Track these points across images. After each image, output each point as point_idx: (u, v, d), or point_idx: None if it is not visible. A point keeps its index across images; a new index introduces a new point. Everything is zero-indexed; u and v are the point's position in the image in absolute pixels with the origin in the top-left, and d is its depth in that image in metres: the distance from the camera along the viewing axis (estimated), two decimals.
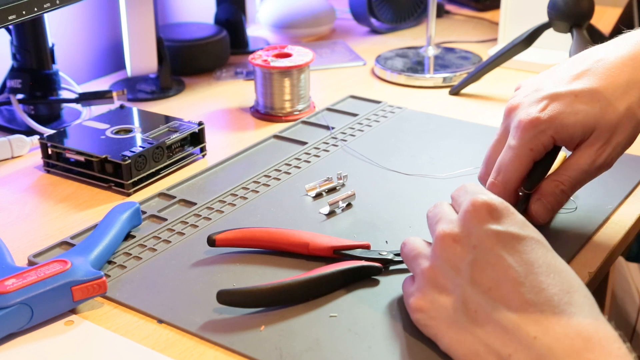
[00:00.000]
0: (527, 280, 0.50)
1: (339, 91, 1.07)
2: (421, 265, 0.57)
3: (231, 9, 1.25)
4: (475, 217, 0.53)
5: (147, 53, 1.06)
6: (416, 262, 0.58)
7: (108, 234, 0.68)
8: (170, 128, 0.87)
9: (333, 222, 0.74)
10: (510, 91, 1.06)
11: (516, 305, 0.50)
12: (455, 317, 0.53)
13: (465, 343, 0.52)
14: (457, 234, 0.54)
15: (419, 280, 0.57)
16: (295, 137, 0.92)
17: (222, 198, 0.78)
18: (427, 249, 0.58)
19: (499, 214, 0.53)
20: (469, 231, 0.54)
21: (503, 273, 0.51)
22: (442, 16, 1.41)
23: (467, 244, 0.53)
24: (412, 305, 0.57)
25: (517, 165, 0.66)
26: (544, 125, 0.65)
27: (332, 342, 0.57)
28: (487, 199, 0.54)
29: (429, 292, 0.55)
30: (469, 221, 0.54)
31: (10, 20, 0.81)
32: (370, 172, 0.83)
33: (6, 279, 0.60)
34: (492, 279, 0.51)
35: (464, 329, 0.52)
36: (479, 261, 0.52)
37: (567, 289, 0.50)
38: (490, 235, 0.52)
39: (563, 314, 0.49)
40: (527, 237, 0.53)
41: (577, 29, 0.96)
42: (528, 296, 0.50)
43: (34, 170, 0.87)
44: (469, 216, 0.54)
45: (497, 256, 0.52)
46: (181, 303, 0.62)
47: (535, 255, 0.52)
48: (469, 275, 0.52)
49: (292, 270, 0.66)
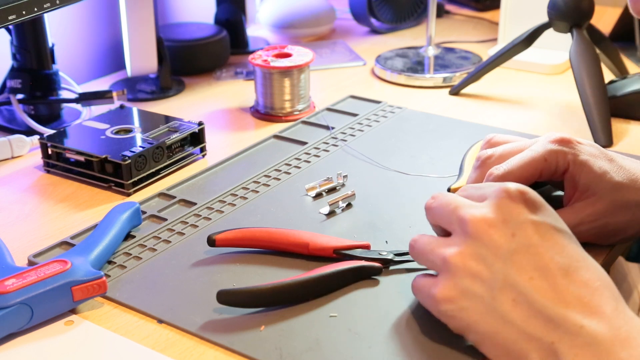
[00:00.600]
0: (570, 273, 0.50)
1: (339, 91, 1.07)
2: (446, 253, 0.54)
3: (231, 9, 1.25)
4: (511, 204, 0.53)
5: (147, 53, 1.06)
6: (437, 252, 0.55)
7: (108, 234, 0.68)
8: (170, 128, 0.87)
9: (333, 222, 0.74)
10: (511, 91, 1.07)
11: (561, 296, 0.50)
12: (492, 305, 0.51)
13: (503, 333, 0.51)
14: (492, 219, 0.53)
15: (446, 268, 0.54)
16: (295, 137, 0.92)
17: (222, 198, 0.78)
18: (446, 239, 0.56)
19: (535, 204, 0.53)
20: (505, 218, 0.52)
21: (545, 264, 0.51)
22: (442, 16, 1.41)
23: (505, 231, 0.52)
24: (438, 295, 0.54)
25: (524, 164, 0.66)
26: (571, 147, 0.65)
27: (332, 342, 0.57)
28: (520, 187, 0.53)
29: (460, 279, 0.53)
30: (505, 207, 0.53)
31: (10, 20, 0.81)
32: (370, 172, 0.83)
33: (6, 279, 0.59)
34: (534, 268, 0.51)
35: (501, 319, 0.51)
36: (519, 250, 0.51)
37: (606, 283, 0.51)
38: (530, 225, 0.52)
39: (607, 305, 0.49)
40: (563, 230, 0.53)
41: (577, 29, 0.96)
42: (572, 288, 0.50)
43: (34, 170, 0.87)
44: (504, 202, 0.53)
45: (538, 247, 0.51)
46: (181, 303, 0.62)
47: (572, 249, 0.52)
48: (508, 263, 0.51)
49: (292, 270, 0.66)
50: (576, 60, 0.94)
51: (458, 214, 0.54)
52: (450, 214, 0.55)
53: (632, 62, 1.15)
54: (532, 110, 1.00)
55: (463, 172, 0.79)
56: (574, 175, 0.66)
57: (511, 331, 0.51)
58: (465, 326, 0.53)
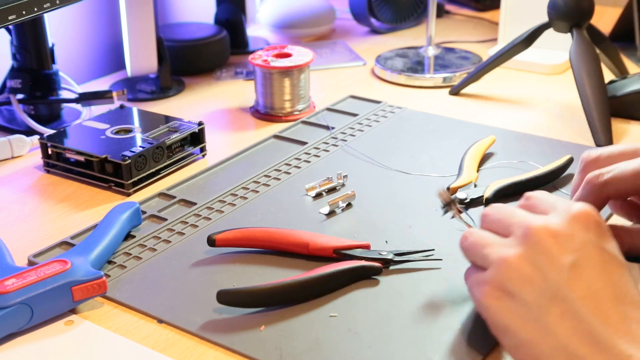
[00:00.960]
0: (626, 304, 0.49)
1: (339, 91, 1.07)
2: (502, 252, 0.52)
3: (231, 9, 1.25)
4: (583, 224, 0.52)
5: (147, 53, 1.06)
6: (492, 249, 0.53)
7: (108, 234, 0.68)
8: (170, 128, 0.87)
9: (333, 222, 0.74)
10: (511, 91, 1.07)
11: (612, 322, 0.48)
12: (538, 314, 0.50)
13: (542, 344, 0.49)
14: (557, 231, 0.51)
15: (498, 267, 0.52)
16: (295, 137, 0.92)
17: (222, 198, 0.78)
18: (503, 239, 0.54)
19: (605, 233, 0.52)
20: (572, 233, 0.51)
21: (601, 288, 0.50)
22: (442, 16, 1.41)
23: (568, 245, 0.51)
24: (487, 288, 0.52)
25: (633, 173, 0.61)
26: None
27: (332, 342, 0.57)
28: (595, 213, 0.53)
29: (512, 280, 0.51)
30: (576, 224, 0.52)
31: (10, 20, 0.81)
32: (370, 172, 0.83)
33: (6, 279, 0.59)
34: (590, 288, 0.50)
35: (544, 329, 0.50)
36: (580, 266, 0.50)
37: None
38: (595, 248, 0.51)
39: None
40: (624, 264, 0.52)
41: (577, 29, 0.96)
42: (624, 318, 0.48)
43: (34, 170, 0.87)
44: (576, 220, 0.52)
45: (598, 270, 0.50)
46: (181, 303, 0.62)
47: (630, 284, 0.51)
48: (565, 275, 0.50)
49: (292, 270, 0.66)
50: (576, 60, 0.94)
51: (522, 222, 0.53)
52: (510, 217, 0.54)
53: (632, 62, 1.15)
54: (532, 110, 1.00)
55: (463, 171, 0.79)
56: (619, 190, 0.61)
57: (551, 344, 0.49)
58: (504, 327, 0.52)
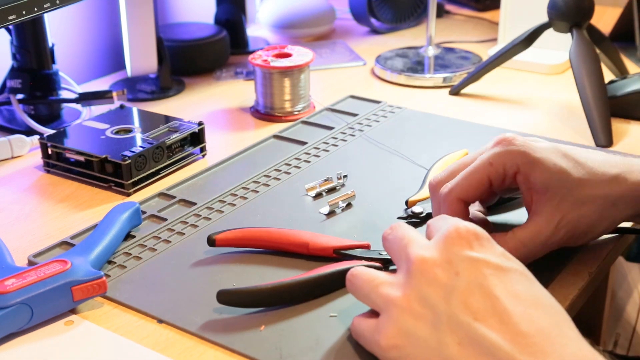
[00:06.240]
0: (517, 312, 0.48)
1: (339, 91, 1.07)
2: (390, 293, 0.52)
3: (231, 9, 1.25)
4: (456, 243, 0.51)
5: (147, 53, 1.06)
6: (380, 292, 0.52)
7: (108, 234, 0.68)
8: (170, 128, 0.87)
9: (333, 222, 0.74)
10: (511, 91, 1.07)
11: (509, 336, 0.47)
12: (437, 349, 0.49)
13: None
14: (436, 259, 0.51)
15: (388, 309, 0.51)
16: (295, 137, 0.92)
17: (222, 198, 0.78)
18: (389, 277, 0.53)
19: (480, 243, 0.51)
20: (449, 257, 0.51)
21: (490, 303, 0.48)
22: (442, 16, 1.41)
23: (449, 270, 0.50)
24: (382, 342, 0.51)
25: (468, 174, 0.63)
26: (516, 145, 0.61)
27: (332, 342, 0.57)
28: (469, 226, 0.51)
29: (404, 322, 0.50)
30: (450, 246, 0.51)
31: (10, 20, 0.81)
32: (370, 172, 0.83)
33: (6, 279, 0.60)
34: (478, 307, 0.49)
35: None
36: (464, 289, 0.49)
37: (556, 321, 0.48)
38: (473, 263, 0.50)
39: (556, 345, 0.47)
40: (510, 268, 0.50)
41: (577, 29, 0.96)
42: (519, 327, 0.47)
43: (34, 170, 0.87)
44: (449, 241, 0.51)
45: (482, 285, 0.49)
46: (181, 303, 0.62)
47: (520, 287, 0.49)
48: (452, 302, 0.49)
49: (292, 270, 0.66)
50: (576, 60, 0.94)
51: (407, 252, 0.53)
52: (401, 250, 0.54)
53: (632, 62, 1.15)
54: (532, 110, 1.00)
55: (425, 184, 0.78)
56: (527, 175, 0.62)
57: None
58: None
